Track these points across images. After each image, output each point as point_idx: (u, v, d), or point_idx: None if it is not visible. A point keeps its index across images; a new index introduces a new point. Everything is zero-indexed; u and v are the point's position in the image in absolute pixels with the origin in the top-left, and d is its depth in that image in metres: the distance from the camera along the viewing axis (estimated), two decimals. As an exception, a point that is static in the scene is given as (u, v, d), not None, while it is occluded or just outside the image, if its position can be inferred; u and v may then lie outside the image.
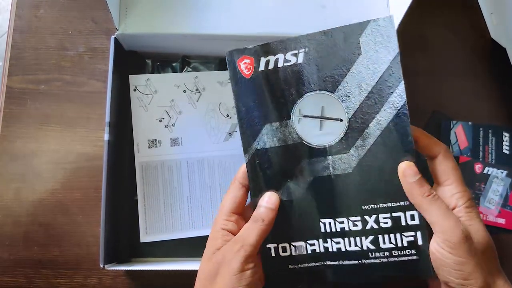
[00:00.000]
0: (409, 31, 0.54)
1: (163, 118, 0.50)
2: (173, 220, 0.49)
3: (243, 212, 0.38)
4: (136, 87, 0.50)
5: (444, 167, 0.35)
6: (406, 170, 0.34)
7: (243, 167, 0.37)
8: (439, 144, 0.35)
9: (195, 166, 0.50)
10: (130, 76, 0.50)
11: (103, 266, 0.42)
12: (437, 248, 0.33)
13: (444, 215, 0.33)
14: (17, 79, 0.53)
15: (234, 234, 0.36)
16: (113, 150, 0.45)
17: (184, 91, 0.51)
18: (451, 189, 0.34)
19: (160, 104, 0.51)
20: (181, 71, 0.52)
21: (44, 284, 0.49)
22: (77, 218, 0.50)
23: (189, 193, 0.50)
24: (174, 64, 0.53)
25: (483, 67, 0.56)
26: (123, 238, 0.48)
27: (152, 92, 0.51)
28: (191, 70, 0.53)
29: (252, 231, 0.35)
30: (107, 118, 0.45)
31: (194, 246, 0.49)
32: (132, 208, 0.49)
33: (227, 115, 0.51)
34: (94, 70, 0.53)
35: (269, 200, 0.36)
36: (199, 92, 0.51)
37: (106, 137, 0.44)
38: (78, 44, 0.54)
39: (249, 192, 0.38)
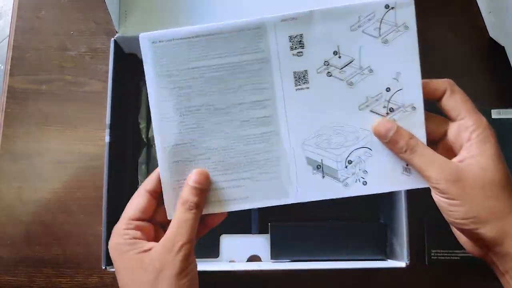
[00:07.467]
0: (408, 31, 0.55)
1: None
2: (174, 219, 0.49)
3: (153, 218, 0.36)
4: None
5: (453, 102, 0.34)
6: (379, 130, 0.34)
7: (153, 175, 0.36)
8: (442, 81, 0.34)
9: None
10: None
11: (105, 267, 0.42)
12: (433, 194, 0.33)
13: (427, 164, 0.32)
14: (18, 79, 0.53)
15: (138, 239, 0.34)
16: (114, 150, 0.45)
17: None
18: (465, 123, 0.33)
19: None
20: (182, 71, 0.53)
21: (45, 283, 0.49)
22: (78, 217, 0.50)
23: (190, 192, 0.50)
24: (174, 64, 0.53)
25: (482, 65, 0.56)
26: (124, 237, 0.48)
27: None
28: (191, 70, 0.53)
29: (183, 228, 0.33)
30: (108, 120, 0.45)
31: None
32: (133, 207, 0.49)
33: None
34: (95, 70, 0.53)
35: (195, 178, 0.34)
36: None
37: (107, 138, 0.44)
38: (80, 45, 0.54)
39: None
